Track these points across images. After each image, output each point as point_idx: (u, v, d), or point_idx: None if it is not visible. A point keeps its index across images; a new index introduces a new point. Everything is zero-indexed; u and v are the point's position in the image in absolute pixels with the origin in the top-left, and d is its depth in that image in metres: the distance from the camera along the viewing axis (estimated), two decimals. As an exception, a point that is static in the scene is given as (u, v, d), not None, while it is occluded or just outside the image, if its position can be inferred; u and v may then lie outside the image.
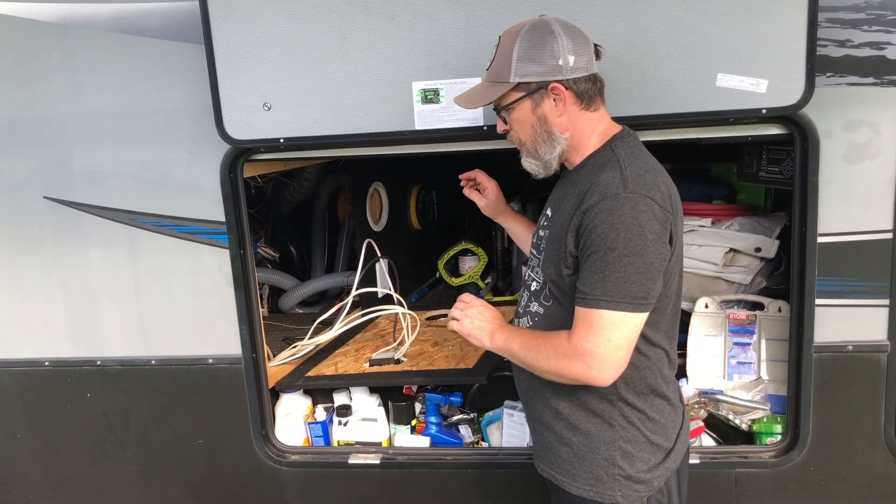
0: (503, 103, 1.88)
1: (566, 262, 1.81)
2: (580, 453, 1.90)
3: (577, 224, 1.77)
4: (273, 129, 2.37)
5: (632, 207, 1.70)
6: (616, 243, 1.69)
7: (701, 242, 2.89)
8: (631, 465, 1.87)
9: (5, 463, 2.91)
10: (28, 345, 2.77)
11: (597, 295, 1.71)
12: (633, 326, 1.74)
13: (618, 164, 1.80)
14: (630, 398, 1.87)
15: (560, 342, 1.78)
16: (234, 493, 2.80)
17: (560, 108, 1.83)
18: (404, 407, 2.75)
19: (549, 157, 1.89)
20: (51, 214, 2.64)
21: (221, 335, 2.64)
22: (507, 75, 1.83)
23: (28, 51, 2.51)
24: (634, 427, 1.88)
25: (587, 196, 1.77)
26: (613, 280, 1.70)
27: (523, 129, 1.88)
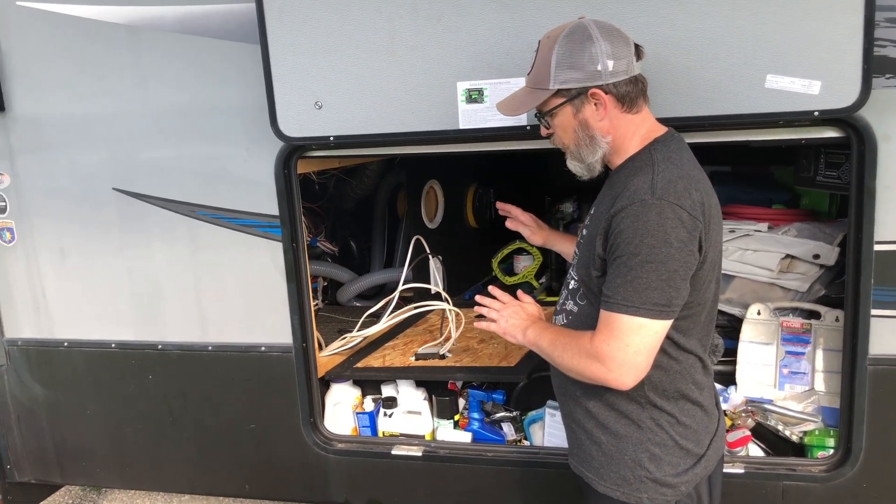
0: (544, 109, 1.89)
1: (594, 263, 1.82)
2: (608, 453, 1.90)
3: (606, 227, 1.77)
4: (324, 127, 2.45)
5: (657, 214, 1.69)
6: (640, 249, 1.69)
7: (756, 247, 2.82)
8: (658, 468, 1.86)
9: (76, 437, 3.10)
10: (96, 327, 2.94)
11: (618, 300, 1.72)
12: (654, 333, 1.73)
13: (651, 170, 1.78)
14: (659, 402, 1.86)
15: (584, 342, 1.80)
16: (281, 478, 2.90)
17: (601, 113, 1.83)
18: (448, 402, 2.79)
19: (591, 160, 1.89)
20: (118, 205, 2.80)
21: (273, 325, 2.74)
22: (547, 82, 1.83)
23: (100, 50, 2.67)
24: (663, 430, 1.86)
25: (618, 200, 1.77)
26: (635, 286, 1.70)
27: (566, 134, 1.89)
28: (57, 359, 3.02)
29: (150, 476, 3.07)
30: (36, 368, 3.06)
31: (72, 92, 2.75)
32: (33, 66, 2.77)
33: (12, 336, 3.07)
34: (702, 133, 2.25)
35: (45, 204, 2.89)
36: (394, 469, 2.75)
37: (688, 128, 2.17)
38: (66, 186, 2.85)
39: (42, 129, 2.82)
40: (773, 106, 2.13)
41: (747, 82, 2.12)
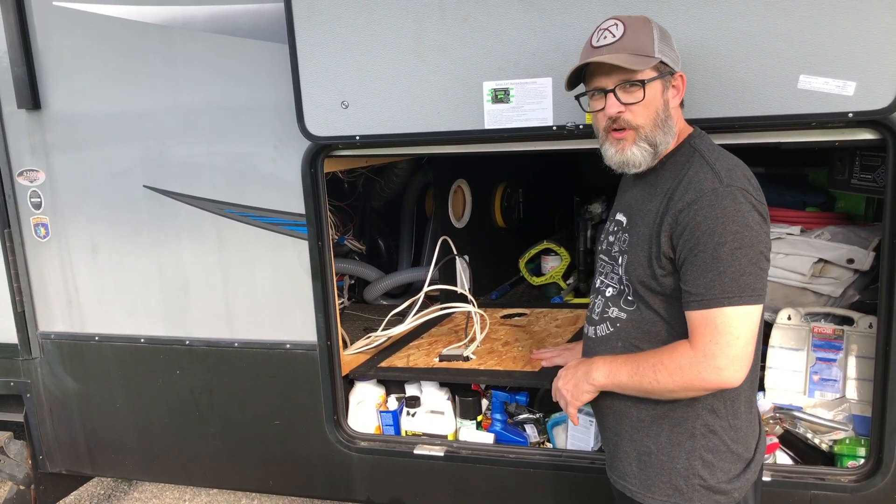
0: (641, 77, 1.77)
1: (660, 262, 1.77)
2: (658, 464, 1.85)
3: (672, 223, 1.73)
4: (350, 126, 2.46)
5: (732, 200, 1.67)
6: (725, 237, 1.65)
7: (788, 251, 2.77)
8: (712, 475, 1.82)
9: (106, 429, 3.16)
10: (127, 322, 2.99)
11: (716, 293, 1.66)
12: (756, 319, 1.70)
13: (705, 161, 1.77)
14: (716, 405, 1.81)
15: (681, 354, 1.72)
16: (305, 474, 2.92)
17: (677, 99, 1.84)
18: (471, 402, 2.78)
19: (663, 146, 1.82)
20: (149, 202, 2.84)
21: (298, 322, 2.76)
22: (652, 50, 1.77)
23: (133, 50, 2.71)
24: (716, 436, 1.82)
25: (677, 194, 1.74)
26: (731, 275, 1.66)
27: (647, 111, 1.79)
28: (88, 352, 3.08)
29: (177, 470, 3.12)
30: (68, 362, 3.12)
31: (105, 90, 2.80)
32: (68, 65, 2.83)
33: (46, 329, 3.13)
34: (732, 134, 2.21)
35: (78, 201, 2.95)
36: (416, 468, 2.75)
37: (717, 129, 2.14)
38: (99, 183, 2.90)
39: (76, 126, 2.87)
40: (805, 107, 2.08)
41: (779, 83, 2.08)
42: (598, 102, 1.84)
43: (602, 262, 2.00)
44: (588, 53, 1.83)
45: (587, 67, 1.82)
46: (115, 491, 4.35)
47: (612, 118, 1.80)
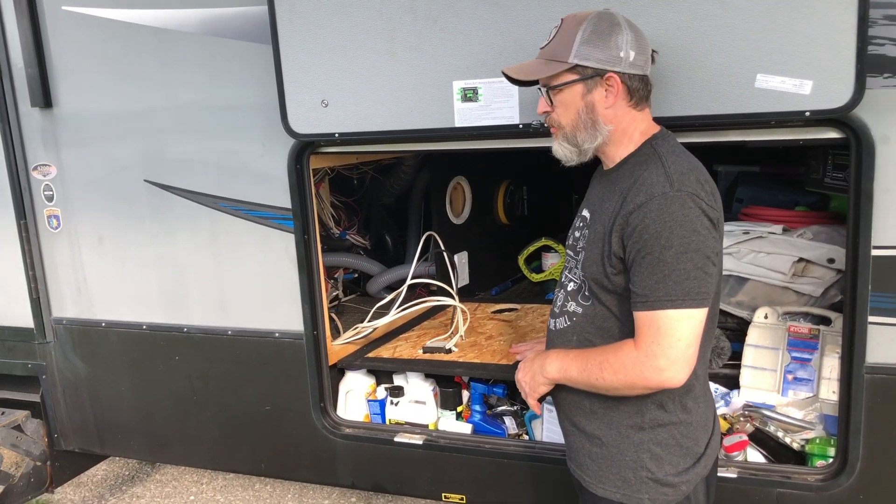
0: (554, 82, 1.85)
1: (610, 261, 1.80)
2: (609, 454, 1.90)
3: (623, 224, 1.76)
4: (329, 124, 2.56)
5: (681, 205, 1.70)
6: (671, 241, 1.68)
7: (769, 250, 2.77)
8: (660, 468, 1.86)
9: (113, 412, 3.33)
10: (130, 309, 3.16)
11: (660, 296, 1.70)
12: (699, 322, 1.72)
13: (661, 163, 1.79)
14: (663, 400, 1.85)
15: (625, 353, 1.77)
16: (294, 459, 3.04)
17: (610, 100, 1.83)
18: (451, 393, 2.86)
19: (587, 145, 1.87)
20: (149, 196, 2.99)
21: (286, 312, 2.87)
22: (566, 55, 1.81)
23: (132, 51, 2.86)
24: (664, 429, 1.86)
25: (630, 195, 1.76)
26: (675, 278, 1.69)
27: (567, 113, 1.86)
28: (95, 338, 3.25)
29: (177, 451, 3.27)
30: (78, 346, 3.30)
31: (108, 89, 2.96)
32: (76, 66, 3.00)
33: (58, 315, 3.32)
34: (695, 132, 2.23)
35: (85, 194, 3.12)
36: (396, 455, 2.83)
37: (677, 127, 2.15)
38: (104, 177, 3.06)
39: (83, 124, 3.05)
40: (763, 106, 2.10)
41: (737, 82, 2.10)
42: (541, 101, 1.95)
43: (568, 256, 2.04)
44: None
45: None
46: (138, 472, 4.55)
47: (544, 116, 1.93)
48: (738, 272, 2.81)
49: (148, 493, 4.24)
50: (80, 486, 4.38)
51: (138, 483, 4.40)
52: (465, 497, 2.78)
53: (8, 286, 3.34)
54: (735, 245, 2.81)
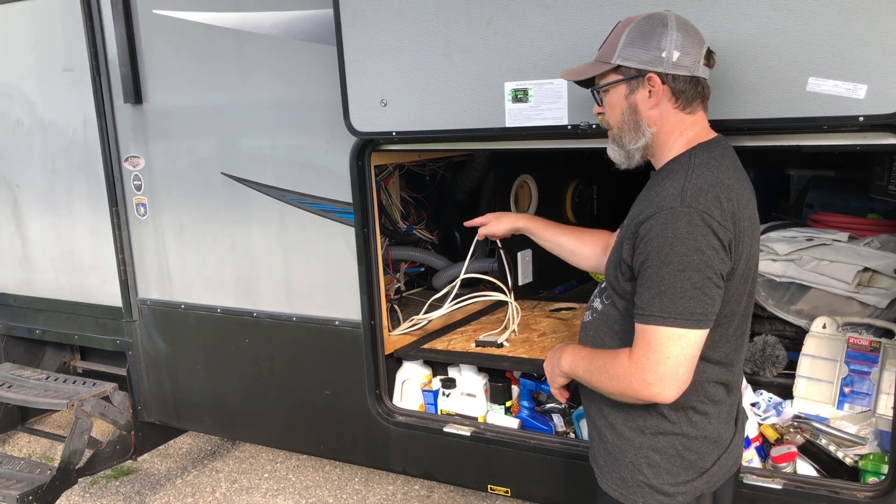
0: (599, 83, 1.89)
1: (621, 267, 1.82)
2: (612, 452, 1.94)
3: (633, 233, 1.77)
4: (388, 123, 2.66)
5: (687, 222, 1.67)
6: (671, 258, 1.67)
7: (833, 258, 2.68)
8: (656, 476, 1.86)
9: (189, 389, 3.57)
10: (207, 293, 3.37)
11: (654, 311, 1.69)
12: (693, 343, 1.70)
13: (684, 175, 1.76)
14: (666, 411, 1.85)
15: (620, 361, 1.78)
16: (350, 443, 3.17)
17: (653, 101, 1.82)
18: (501, 388, 2.92)
19: (631, 147, 1.88)
20: (225, 188, 3.19)
21: (346, 302, 3.00)
22: (611, 56, 1.84)
23: (212, 51, 3.06)
24: (665, 438, 1.86)
25: (646, 204, 1.78)
26: (670, 296, 1.67)
27: (613, 114, 1.89)
28: (175, 319, 3.49)
29: (245, 429, 3.47)
30: (160, 325, 3.56)
31: (191, 87, 3.17)
32: (164, 65, 3.23)
33: (143, 296, 3.58)
34: (744, 137, 2.20)
35: (169, 184, 3.35)
36: (445, 445, 2.92)
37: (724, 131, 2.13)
38: (185, 169, 3.29)
39: (169, 119, 3.27)
40: (814, 110, 2.04)
41: (788, 85, 2.05)
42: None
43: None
44: None
45: None
46: (219, 448, 4.82)
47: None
48: (800, 280, 2.73)
49: (226, 468, 4.49)
50: (167, 457, 4.69)
51: (219, 458, 4.66)
52: (509, 490, 2.84)
53: (101, 268, 3.63)
54: (797, 252, 2.74)
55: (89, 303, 3.72)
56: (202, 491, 4.24)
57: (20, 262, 3.95)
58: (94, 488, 4.33)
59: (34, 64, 3.57)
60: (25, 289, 3.96)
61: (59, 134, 3.58)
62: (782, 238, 2.79)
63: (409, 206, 4.01)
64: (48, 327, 3.96)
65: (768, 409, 2.58)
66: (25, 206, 3.82)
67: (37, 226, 3.81)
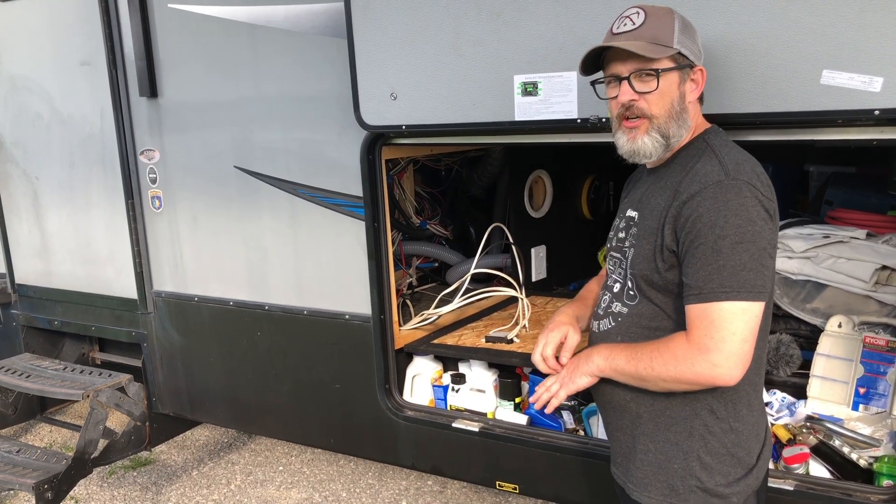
0: (659, 66, 1.75)
1: (662, 255, 1.76)
2: (655, 463, 1.85)
3: (675, 215, 1.72)
4: (397, 116, 2.64)
5: (737, 194, 1.65)
6: (726, 231, 1.63)
7: (850, 256, 2.62)
8: (710, 477, 1.80)
9: (202, 381, 3.59)
10: (219, 286, 3.39)
11: (713, 287, 1.64)
12: (755, 316, 1.66)
13: (714, 154, 1.77)
14: (716, 406, 1.80)
15: (677, 345, 1.70)
16: (360, 437, 3.17)
17: (694, 93, 1.83)
18: (510, 384, 2.90)
19: (675, 139, 1.81)
20: (238, 181, 3.20)
21: (356, 296, 3.00)
22: (671, 40, 1.75)
23: (226, 45, 3.07)
24: (715, 437, 1.81)
25: (683, 186, 1.73)
26: (730, 269, 1.63)
27: (662, 101, 1.77)
28: (189, 311, 3.51)
29: (257, 421, 3.49)
30: (174, 317, 3.58)
31: (205, 81, 3.19)
32: (179, 59, 3.25)
33: (158, 288, 3.61)
34: (756, 131, 2.16)
35: (183, 177, 3.38)
36: (454, 440, 2.90)
37: (737, 125, 2.11)
38: (199, 163, 3.30)
39: (183, 112, 3.29)
40: (829, 104, 1.99)
41: (801, 78, 2.01)
42: (613, 90, 1.83)
43: (612, 258, 1.99)
44: (607, 40, 1.82)
45: (605, 54, 1.82)
46: (235, 440, 4.85)
47: (626, 106, 1.79)
48: (816, 277, 2.68)
49: (242, 461, 4.52)
50: (184, 448, 4.73)
51: (235, 450, 4.69)
52: (517, 487, 2.82)
53: (117, 260, 3.66)
54: (813, 249, 2.68)
55: (105, 294, 3.76)
56: (217, 483, 4.27)
57: (39, 254, 4.00)
58: (112, 478, 4.38)
59: (52, 58, 3.62)
60: (44, 280, 4.02)
61: (77, 127, 3.62)
62: (798, 235, 2.73)
63: (424, 201, 4.00)
64: (66, 318, 4.01)
65: (781, 408, 2.54)
66: (44, 198, 3.87)
67: (55, 218, 3.86)
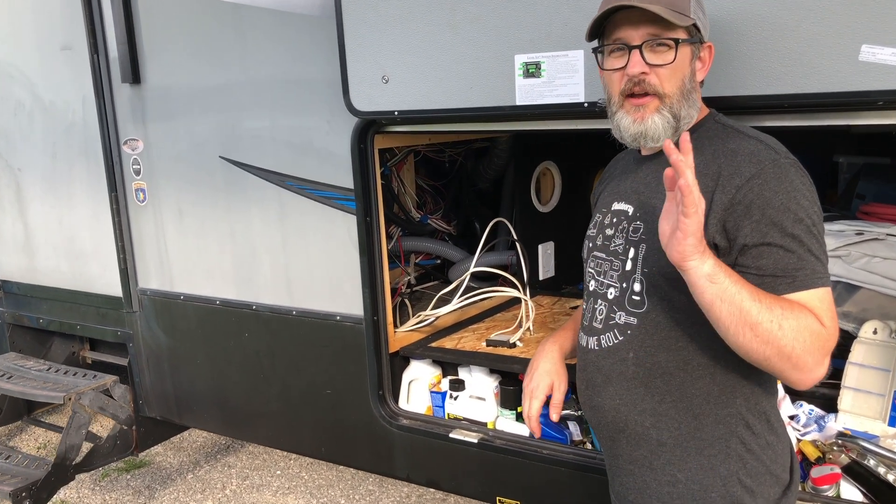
0: (677, 36, 1.54)
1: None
2: (689, 493, 1.60)
3: (727, 203, 1.48)
4: (389, 101, 2.44)
5: (796, 172, 1.50)
6: (800, 214, 1.46)
7: (886, 255, 2.39)
8: (753, 501, 1.59)
9: (189, 382, 3.41)
10: (206, 284, 3.20)
11: (808, 273, 1.45)
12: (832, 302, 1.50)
13: (742, 133, 1.58)
14: (751, 419, 1.59)
15: (811, 320, 1.41)
16: (352, 446, 2.98)
17: (703, 72, 1.64)
18: (511, 392, 2.68)
19: (686, 120, 1.59)
20: (224, 172, 3.01)
21: (348, 295, 2.80)
22: (687, 9, 1.54)
23: (211, 26, 2.87)
24: (754, 455, 1.59)
25: (727, 169, 1.50)
26: (816, 253, 1.47)
27: (674, 77, 1.56)
28: (175, 310, 3.33)
29: (245, 427, 3.30)
30: (160, 317, 3.40)
31: (188, 65, 2.99)
32: (161, 42, 3.06)
33: (143, 286, 3.43)
34: (785, 115, 1.93)
35: (168, 168, 3.19)
36: (451, 452, 2.70)
37: (762, 108, 1.89)
38: (184, 153, 3.11)
39: (166, 100, 3.10)
40: (868, 83, 1.76)
41: (836, 54, 1.77)
42: (617, 60, 1.58)
43: (598, 260, 1.74)
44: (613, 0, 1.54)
45: (610, 18, 1.56)
46: (233, 443, 4.69)
47: (634, 80, 1.55)
48: (848, 278, 2.45)
49: (239, 464, 4.36)
50: (181, 450, 4.58)
51: (232, 453, 4.54)
52: (519, 503, 2.61)
53: (101, 255, 3.49)
54: (845, 248, 2.45)
55: (90, 292, 3.59)
56: (212, 487, 4.11)
57: (23, 249, 3.84)
58: (105, 481, 4.23)
59: (34, 42, 3.44)
60: (29, 276, 3.86)
61: (59, 116, 3.44)
62: (828, 232, 2.50)
63: (426, 195, 3.79)
64: (51, 316, 3.85)
65: (809, 422, 2.31)
66: (28, 190, 3.71)
67: (39, 211, 3.69)
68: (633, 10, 1.51)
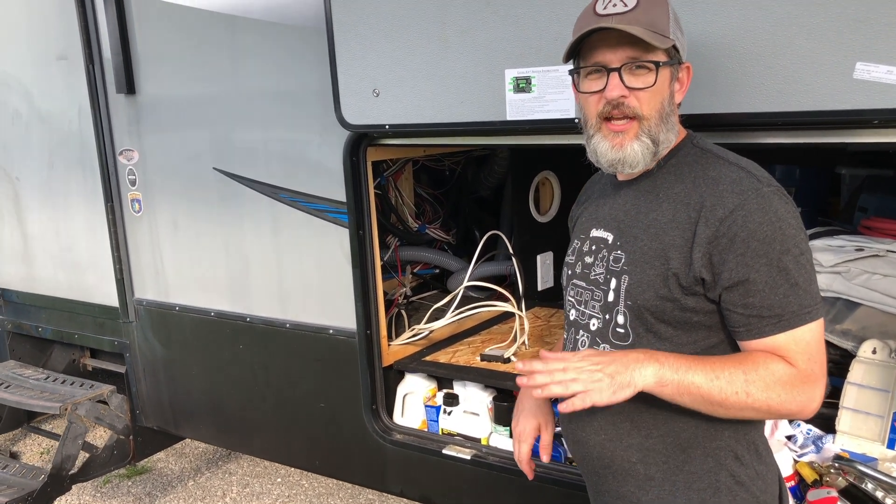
0: (657, 58, 1.49)
1: (679, 281, 1.47)
2: None
3: (710, 236, 1.44)
4: (380, 115, 2.41)
5: (781, 201, 1.45)
6: (787, 244, 1.42)
7: (886, 272, 2.34)
8: None
9: (184, 394, 3.40)
10: (201, 295, 3.19)
11: (795, 310, 1.42)
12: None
13: (722, 158, 1.53)
14: (739, 450, 1.55)
15: (779, 370, 1.42)
16: (345, 459, 2.95)
17: (680, 94, 1.58)
18: (505, 408, 2.64)
19: (665, 144, 1.54)
20: (217, 184, 2.99)
21: (341, 309, 2.77)
22: (667, 30, 1.49)
23: (203, 37, 2.85)
24: (744, 487, 1.55)
25: (710, 200, 1.45)
26: (804, 285, 1.43)
27: (654, 99, 1.51)
28: (171, 321, 3.32)
29: (240, 439, 3.28)
30: (156, 327, 3.39)
31: (183, 76, 2.98)
32: (156, 53, 3.04)
33: (140, 296, 3.42)
34: (777, 133, 1.89)
35: (163, 179, 3.17)
36: (445, 468, 2.67)
37: (754, 126, 1.85)
38: (179, 164, 3.10)
39: (161, 111, 3.09)
40: (863, 101, 1.71)
41: (830, 72, 1.73)
42: (595, 82, 1.53)
43: (577, 289, 1.67)
44: (591, 21, 1.50)
45: (586, 40, 1.51)
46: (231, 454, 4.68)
47: (613, 103, 1.50)
48: (848, 295, 2.39)
49: (240, 471, 4.35)
50: (183, 456, 4.58)
51: (233, 460, 4.53)
52: (513, 521, 2.58)
53: (98, 266, 3.48)
54: (845, 263, 2.40)
55: (87, 301, 3.58)
56: (212, 494, 4.10)
57: (22, 258, 3.84)
58: (107, 487, 4.24)
59: (30, 52, 3.44)
60: (27, 285, 3.86)
61: (55, 126, 3.44)
62: (828, 247, 2.45)
63: (424, 204, 3.76)
64: (50, 325, 3.84)
65: (806, 443, 2.26)
66: (26, 199, 3.71)
67: (36, 221, 3.69)
68: (612, 31, 1.47)
